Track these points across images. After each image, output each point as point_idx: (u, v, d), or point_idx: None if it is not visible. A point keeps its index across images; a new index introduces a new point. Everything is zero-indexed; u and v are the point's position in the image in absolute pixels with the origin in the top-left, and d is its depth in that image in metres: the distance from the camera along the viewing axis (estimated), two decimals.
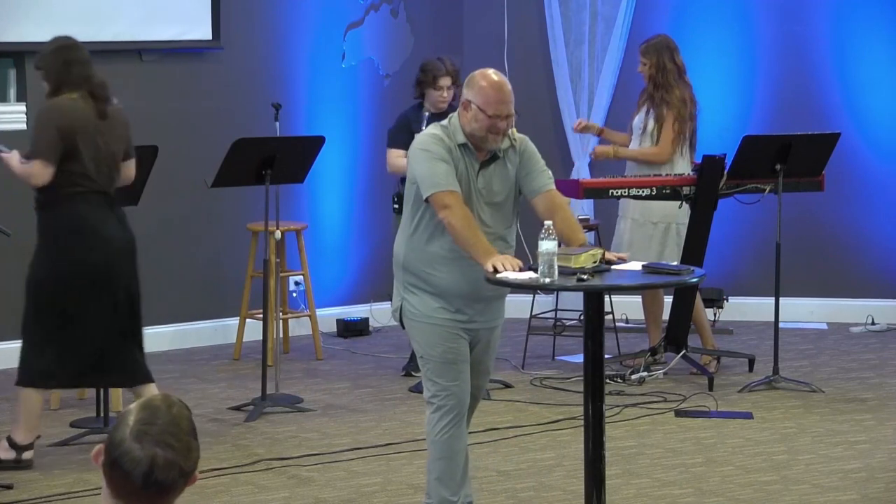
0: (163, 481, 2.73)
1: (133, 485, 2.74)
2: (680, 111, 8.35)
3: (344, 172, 9.74)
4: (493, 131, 5.29)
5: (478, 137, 5.32)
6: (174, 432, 2.77)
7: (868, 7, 9.76)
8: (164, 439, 2.74)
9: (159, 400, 2.82)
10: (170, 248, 9.09)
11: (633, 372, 8.24)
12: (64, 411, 7.59)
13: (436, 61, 8.08)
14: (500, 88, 5.32)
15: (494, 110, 5.27)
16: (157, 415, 2.77)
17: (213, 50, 9.10)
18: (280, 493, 6.29)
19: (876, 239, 9.84)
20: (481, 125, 5.29)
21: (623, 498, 6.18)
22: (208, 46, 9.08)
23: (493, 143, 5.33)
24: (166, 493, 2.76)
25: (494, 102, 5.28)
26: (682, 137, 8.38)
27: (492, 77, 5.35)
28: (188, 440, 2.79)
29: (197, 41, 9.03)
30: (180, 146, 8.81)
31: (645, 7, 9.88)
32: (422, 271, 5.39)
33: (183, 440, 2.77)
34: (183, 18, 8.94)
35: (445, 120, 5.43)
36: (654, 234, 8.44)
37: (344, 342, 9.43)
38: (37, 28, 7.20)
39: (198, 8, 8.97)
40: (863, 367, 8.62)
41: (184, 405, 2.83)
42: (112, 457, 2.75)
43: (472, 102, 5.31)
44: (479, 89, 5.31)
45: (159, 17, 8.85)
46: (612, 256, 5.38)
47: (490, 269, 5.10)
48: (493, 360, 5.69)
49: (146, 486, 2.74)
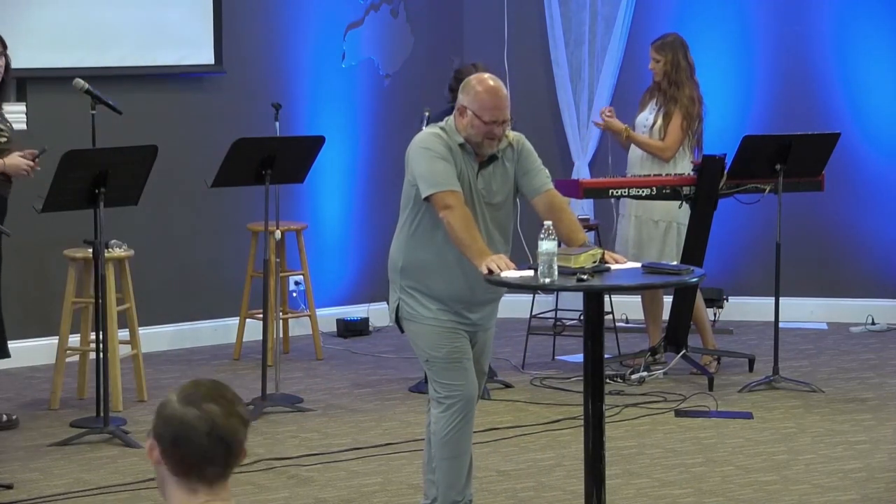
0: (226, 435, 2.84)
1: (201, 449, 2.82)
2: (689, 109, 8.36)
3: (344, 172, 9.73)
4: (490, 136, 5.27)
5: (474, 143, 5.30)
6: (219, 387, 2.89)
7: (868, 7, 9.76)
8: (213, 394, 2.87)
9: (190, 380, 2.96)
10: (170, 248, 9.09)
11: (633, 372, 8.24)
12: (64, 411, 7.59)
13: (471, 68, 7.91)
14: (495, 94, 5.28)
15: (491, 116, 5.25)
16: (198, 382, 2.90)
17: (215, 74, 9.12)
18: (280, 493, 6.29)
19: (876, 239, 9.84)
20: (478, 131, 5.26)
21: (623, 498, 6.18)
22: (211, 71, 9.11)
23: (489, 148, 5.32)
24: (233, 448, 2.85)
25: (490, 108, 5.25)
26: (688, 136, 8.39)
27: (487, 82, 5.32)
28: (234, 392, 2.91)
29: (199, 66, 9.08)
30: (180, 148, 8.82)
31: (645, 7, 9.88)
32: (420, 275, 5.37)
33: (230, 392, 2.90)
34: (185, 43, 8.99)
35: (442, 122, 5.41)
36: (654, 232, 8.45)
37: (344, 342, 9.42)
38: (40, 54, 7.20)
39: (200, 32, 9.02)
40: (863, 367, 8.62)
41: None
42: (171, 435, 2.84)
43: (467, 108, 5.28)
44: (474, 94, 5.28)
45: (162, 42, 8.90)
46: (609, 258, 5.36)
47: (484, 271, 5.09)
48: (488, 361, 5.71)
49: (214, 446, 2.83)
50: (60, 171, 6.87)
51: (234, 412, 2.86)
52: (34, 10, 7.01)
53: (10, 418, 7.29)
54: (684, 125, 8.36)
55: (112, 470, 6.60)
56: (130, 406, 7.71)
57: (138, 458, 6.70)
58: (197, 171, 8.34)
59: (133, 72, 8.76)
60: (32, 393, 7.96)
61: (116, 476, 6.50)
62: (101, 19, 8.59)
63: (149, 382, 7.98)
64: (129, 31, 8.73)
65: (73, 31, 7.48)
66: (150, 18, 8.80)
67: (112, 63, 8.57)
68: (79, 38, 7.94)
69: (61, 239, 7.70)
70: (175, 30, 8.91)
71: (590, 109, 9.90)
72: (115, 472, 6.56)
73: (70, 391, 7.84)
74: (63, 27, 7.15)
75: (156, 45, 8.86)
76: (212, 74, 9.12)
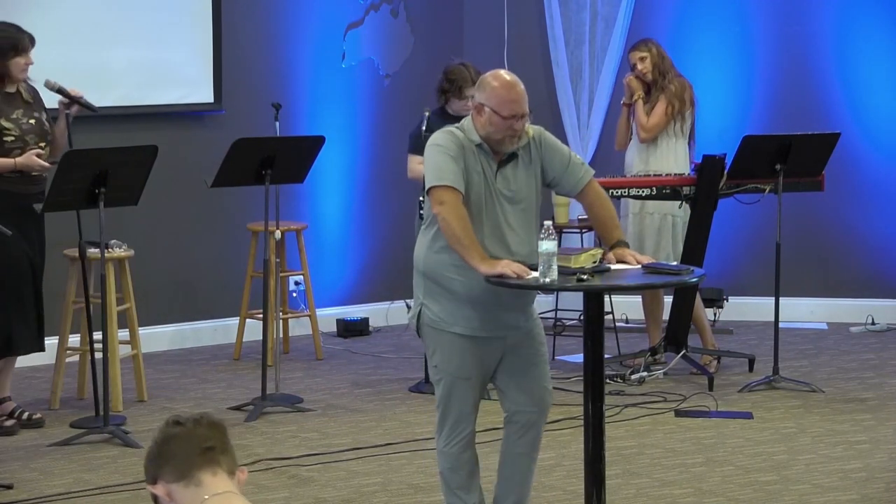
0: (201, 420, 3.11)
1: (189, 435, 3.07)
2: (675, 95, 8.40)
3: (344, 172, 9.74)
4: (510, 133, 5.11)
5: (494, 140, 5.14)
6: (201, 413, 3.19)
7: (868, 7, 9.76)
8: (195, 415, 3.15)
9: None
10: (170, 248, 9.09)
11: (633, 372, 8.24)
12: (64, 411, 7.59)
13: (461, 69, 7.90)
14: (512, 88, 5.12)
15: (509, 111, 5.09)
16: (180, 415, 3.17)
17: (214, 112, 9.13)
18: (280, 493, 6.29)
19: (876, 239, 9.84)
20: (497, 128, 5.11)
21: (623, 498, 6.18)
22: (209, 109, 9.13)
23: (509, 145, 5.15)
24: (215, 427, 3.12)
25: (508, 102, 5.09)
26: (674, 121, 8.41)
27: (504, 77, 5.17)
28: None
29: (199, 104, 9.12)
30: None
31: (645, 7, 9.89)
32: (442, 276, 5.18)
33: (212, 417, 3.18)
34: (185, 82, 9.04)
35: (459, 122, 5.26)
36: (650, 224, 8.47)
37: (344, 342, 9.42)
38: (43, 94, 7.28)
39: (199, 72, 9.07)
40: (863, 367, 8.62)
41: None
42: (156, 453, 3.09)
43: (485, 105, 5.13)
44: (491, 90, 5.13)
45: (162, 81, 8.95)
46: (630, 257, 5.29)
47: (494, 276, 4.97)
48: (543, 365, 5.36)
49: (195, 429, 3.08)
50: (60, 171, 6.87)
51: (214, 419, 3.15)
52: (38, 51, 7.14)
53: (33, 417, 7.34)
54: (668, 111, 8.41)
55: (112, 470, 6.61)
56: (130, 406, 7.72)
57: (138, 458, 6.69)
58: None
59: (133, 111, 8.80)
60: (32, 393, 7.96)
61: (116, 476, 6.50)
62: (105, 60, 8.71)
63: (149, 382, 7.99)
64: (129, 72, 8.82)
65: (75, 70, 7.55)
66: (150, 58, 8.88)
67: (113, 103, 8.66)
68: (81, 76, 8.00)
69: (61, 239, 7.70)
70: (175, 69, 9.00)
71: (590, 109, 9.91)
72: (115, 472, 6.56)
73: (70, 391, 7.85)
74: (66, 67, 7.24)
75: (156, 84, 8.95)
76: (211, 112, 9.14)
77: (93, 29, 8.65)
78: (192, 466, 3.06)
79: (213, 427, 3.13)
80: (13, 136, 7.10)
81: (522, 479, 5.46)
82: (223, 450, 3.12)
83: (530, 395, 5.35)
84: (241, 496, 3.09)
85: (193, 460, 3.06)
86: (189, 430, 3.09)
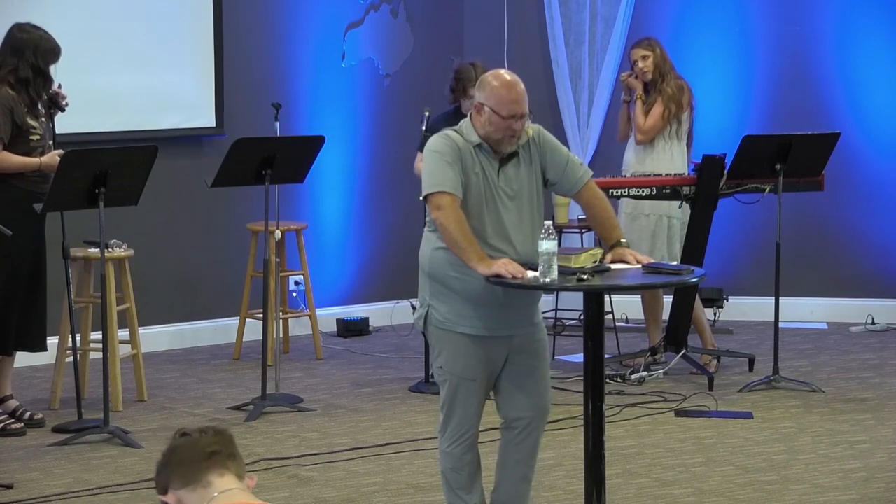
0: (205, 429, 3.19)
1: (195, 443, 3.15)
2: (673, 98, 8.40)
3: (344, 172, 9.74)
4: (509, 133, 5.11)
5: (493, 140, 5.14)
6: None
7: (868, 7, 9.76)
8: (202, 426, 3.23)
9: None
10: (170, 248, 9.09)
11: (633, 372, 8.24)
12: (64, 411, 7.59)
13: (467, 68, 7.85)
14: (512, 88, 5.12)
15: (509, 110, 5.08)
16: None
17: (216, 137, 9.13)
18: (280, 492, 6.28)
19: (876, 239, 9.85)
20: (496, 127, 5.10)
21: (623, 498, 6.18)
22: (212, 133, 9.15)
23: (509, 145, 5.15)
24: (219, 433, 3.18)
25: (508, 102, 5.09)
26: (671, 125, 8.40)
27: (504, 77, 5.17)
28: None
29: (201, 129, 9.15)
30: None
31: (645, 7, 9.89)
32: (447, 276, 5.17)
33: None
34: (187, 106, 9.06)
35: (458, 124, 5.26)
36: (645, 225, 8.47)
37: (344, 342, 9.43)
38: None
39: (201, 96, 9.10)
40: (863, 367, 8.62)
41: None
42: (168, 455, 3.16)
43: (484, 105, 5.12)
44: (491, 90, 5.13)
45: (164, 105, 8.97)
46: (630, 257, 5.30)
47: (492, 276, 4.97)
48: (545, 370, 5.37)
49: (205, 433, 3.16)
50: (60, 171, 6.88)
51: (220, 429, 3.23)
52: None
53: (34, 417, 7.35)
54: (665, 114, 8.41)
55: (112, 470, 6.61)
56: (130, 406, 7.72)
57: (138, 458, 6.70)
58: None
59: (135, 136, 8.80)
60: (32, 393, 7.96)
61: (116, 476, 6.50)
62: (108, 85, 8.75)
63: (149, 382, 7.99)
64: (132, 96, 8.84)
65: (76, 95, 7.62)
66: (153, 83, 8.90)
67: (115, 128, 8.68)
68: (82, 102, 8.03)
69: (60, 238, 7.69)
70: (177, 94, 9.02)
71: (590, 109, 9.91)
72: (115, 472, 6.56)
73: (70, 391, 7.84)
74: (70, 92, 7.31)
75: (158, 108, 8.96)
76: (214, 137, 9.15)
77: (95, 54, 8.66)
78: (199, 471, 3.11)
79: (219, 434, 3.18)
80: (38, 135, 7.15)
81: (518, 491, 5.45)
82: (230, 454, 3.16)
83: (530, 402, 5.34)
84: (249, 493, 3.13)
85: (199, 465, 3.12)
86: (195, 439, 3.16)
